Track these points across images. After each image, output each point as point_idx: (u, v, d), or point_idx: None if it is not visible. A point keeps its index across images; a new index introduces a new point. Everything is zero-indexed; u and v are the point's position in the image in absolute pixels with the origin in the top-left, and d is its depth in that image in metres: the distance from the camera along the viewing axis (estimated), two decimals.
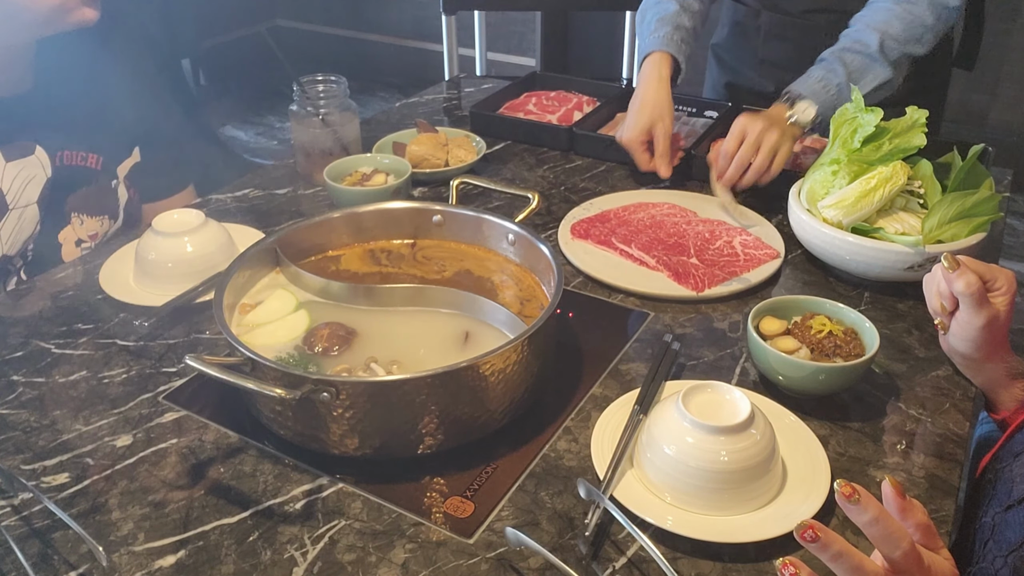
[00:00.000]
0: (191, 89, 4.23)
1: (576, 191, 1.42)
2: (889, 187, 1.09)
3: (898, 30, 1.33)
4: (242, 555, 0.76)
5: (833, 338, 0.92)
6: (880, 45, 1.32)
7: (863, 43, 1.33)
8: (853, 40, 1.35)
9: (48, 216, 1.24)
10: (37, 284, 1.17)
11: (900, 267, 1.09)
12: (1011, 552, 0.75)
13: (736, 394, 0.79)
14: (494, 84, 1.95)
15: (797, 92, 1.33)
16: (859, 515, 0.60)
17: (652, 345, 1.03)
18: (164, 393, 0.96)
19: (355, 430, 0.82)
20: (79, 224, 1.28)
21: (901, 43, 1.33)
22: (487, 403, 0.85)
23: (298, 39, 4.99)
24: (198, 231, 1.13)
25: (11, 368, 1.00)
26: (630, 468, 0.82)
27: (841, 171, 1.15)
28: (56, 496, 0.82)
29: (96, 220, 1.31)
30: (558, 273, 0.94)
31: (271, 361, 0.83)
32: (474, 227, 1.10)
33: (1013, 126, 3.35)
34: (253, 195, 1.42)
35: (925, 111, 1.14)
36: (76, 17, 1.13)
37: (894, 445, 0.88)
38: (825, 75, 1.33)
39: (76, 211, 1.28)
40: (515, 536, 0.73)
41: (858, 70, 1.33)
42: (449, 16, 2.32)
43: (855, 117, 1.15)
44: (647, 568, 0.74)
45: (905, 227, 1.10)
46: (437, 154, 1.46)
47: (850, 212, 1.11)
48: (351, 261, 1.09)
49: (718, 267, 1.18)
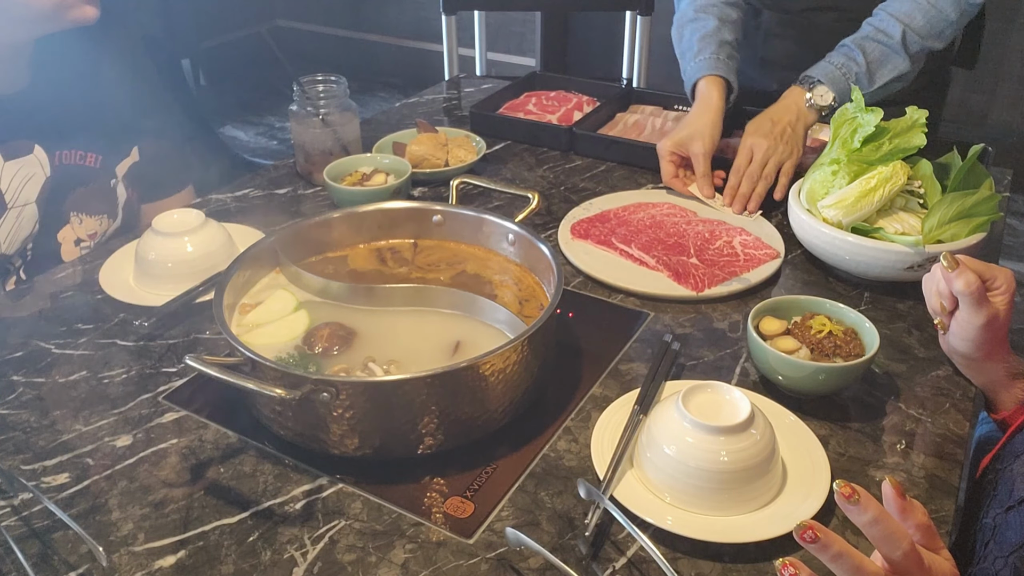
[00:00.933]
0: (191, 89, 4.23)
1: (576, 191, 1.42)
2: (889, 187, 1.09)
3: (921, 23, 1.32)
4: (242, 555, 0.76)
5: (833, 338, 0.92)
6: (903, 36, 1.32)
7: (886, 33, 1.33)
8: (876, 28, 1.35)
9: (47, 215, 1.24)
10: (37, 284, 1.17)
11: (900, 267, 1.09)
12: (1012, 553, 0.75)
13: (736, 394, 0.79)
14: (494, 84, 1.95)
15: (816, 77, 1.33)
16: (859, 516, 0.60)
17: (652, 345, 1.03)
18: (164, 393, 0.96)
19: (355, 430, 0.82)
20: (78, 223, 1.28)
21: (923, 37, 1.33)
22: (487, 403, 0.85)
23: (298, 39, 4.99)
24: (198, 231, 1.13)
25: (11, 368, 1.00)
26: (630, 468, 0.82)
27: (841, 171, 1.15)
28: (56, 496, 0.82)
29: (95, 219, 1.31)
30: (558, 273, 0.94)
31: (271, 361, 0.83)
32: (474, 227, 1.10)
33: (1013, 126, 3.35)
34: (253, 195, 1.42)
35: (925, 111, 1.14)
36: (76, 15, 1.13)
37: (894, 445, 0.88)
38: (845, 61, 1.33)
39: (75, 210, 1.28)
40: (515, 536, 0.73)
41: (877, 60, 1.33)
42: (449, 16, 2.32)
43: (855, 117, 1.16)
44: (647, 568, 0.74)
45: (905, 227, 1.10)
46: (437, 154, 1.46)
47: (850, 212, 1.11)
48: (351, 261, 1.09)
49: (718, 267, 1.18)
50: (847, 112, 1.17)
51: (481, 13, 2.54)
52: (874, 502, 0.60)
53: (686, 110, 1.70)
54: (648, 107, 1.73)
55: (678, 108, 1.72)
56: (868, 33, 1.35)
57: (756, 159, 1.32)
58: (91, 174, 1.29)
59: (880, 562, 0.62)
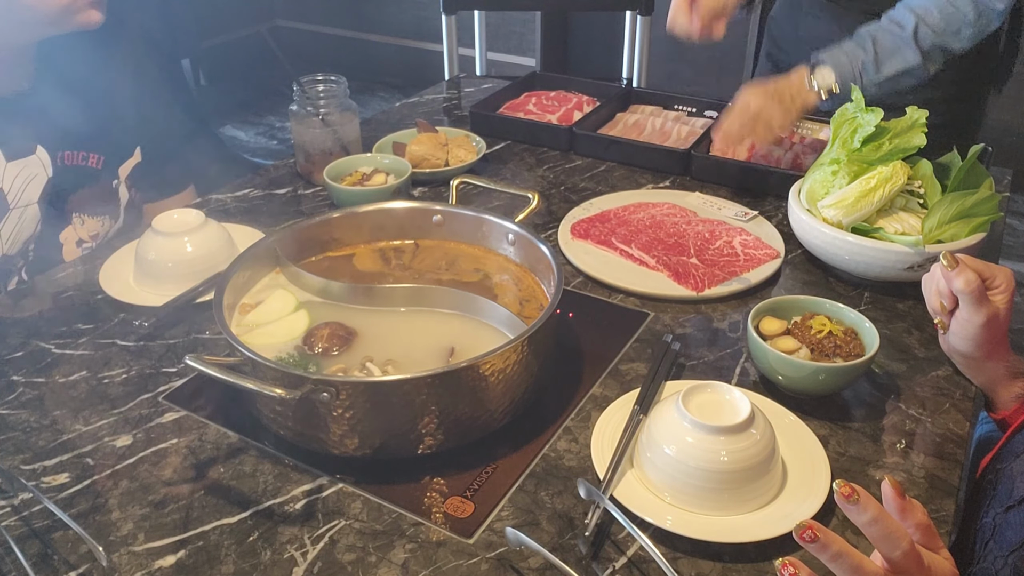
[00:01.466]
0: (191, 89, 4.23)
1: (576, 191, 1.42)
2: (889, 187, 1.09)
3: (936, 19, 1.32)
4: (242, 555, 0.76)
5: (833, 338, 0.92)
6: (915, 29, 1.32)
7: (899, 24, 1.33)
8: (890, 19, 1.35)
9: (49, 216, 1.24)
10: (37, 284, 1.17)
11: (900, 267, 1.09)
12: (1012, 552, 0.75)
13: (736, 394, 0.79)
14: (494, 84, 1.95)
15: (821, 59, 1.34)
16: (858, 515, 0.60)
17: (652, 345, 1.03)
18: (164, 393, 0.96)
19: (355, 430, 0.82)
20: (80, 224, 1.28)
21: (937, 33, 1.32)
22: (487, 403, 0.85)
23: (298, 39, 4.99)
24: (198, 231, 1.13)
25: (11, 368, 1.00)
26: (630, 468, 0.82)
27: (841, 171, 1.15)
28: (56, 496, 0.82)
29: (97, 220, 1.31)
30: (558, 273, 0.94)
31: (271, 361, 0.83)
32: (474, 227, 1.10)
33: (1013, 126, 3.35)
34: (253, 195, 1.42)
35: (925, 111, 1.14)
36: (82, 19, 1.14)
37: (894, 445, 0.88)
38: (854, 49, 1.33)
39: (77, 211, 1.28)
40: (515, 536, 0.73)
41: (886, 50, 1.33)
42: (449, 16, 2.31)
43: (855, 117, 1.16)
44: (647, 568, 0.74)
45: (905, 227, 1.10)
46: (437, 154, 1.46)
47: (850, 212, 1.11)
48: (351, 261, 1.09)
49: (718, 267, 1.18)
50: (847, 112, 1.17)
51: (481, 13, 2.54)
52: (873, 502, 0.60)
53: (686, 110, 1.71)
54: (648, 107, 1.73)
55: (678, 108, 1.72)
56: (882, 24, 1.35)
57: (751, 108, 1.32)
58: (93, 175, 1.29)
59: (880, 562, 0.62)
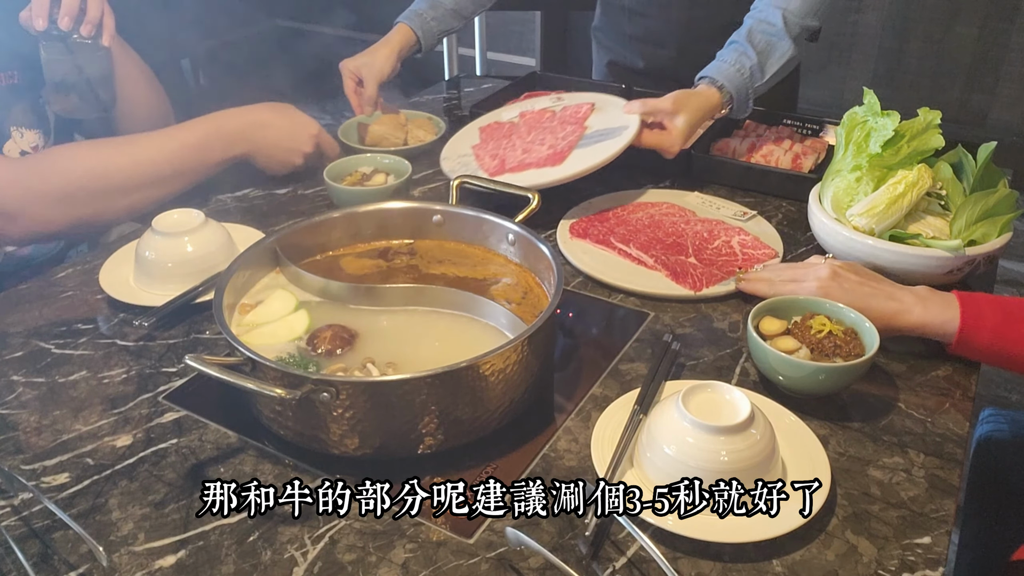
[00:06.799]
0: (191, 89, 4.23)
1: (576, 191, 1.42)
2: (916, 192, 1.09)
3: (796, 5, 1.39)
4: (242, 555, 0.76)
5: (833, 338, 0.92)
6: (784, 22, 1.39)
7: (768, 22, 1.40)
8: (758, 20, 1.41)
9: None
10: (37, 284, 1.17)
11: (941, 272, 1.07)
12: None
13: (736, 394, 0.79)
14: (494, 84, 1.95)
15: (718, 81, 1.38)
16: (759, 286, 0.65)
17: (652, 345, 1.03)
18: (164, 393, 0.96)
19: (355, 430, 0.82)
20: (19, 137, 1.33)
21: (800, 16, 1.39)
22: (487, 403, 0.85)
23: (298, 39, 4.98)
24: (198, 231, 1.13)
25: (11, 368, 1.00)
26: (630, 468, 0.82)
27: (864, 177, 1.14)
28: (56, 496, 0.82)
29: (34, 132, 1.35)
30: (558, 273, 0.94)
31: (271, 361, 0.83)
32: (474, 227, 1.10)
33: (1013, 126, 3.35)
34: (253, 195, 1.42)
35: (938, 112, 1.13)
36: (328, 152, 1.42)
37: (894, 445, 0.88)
38: (738, 58, 1.39)
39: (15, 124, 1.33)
40: (515, 536, 0.73)
41: (766, 49, 1.39)
42: None
43: (866, 120, 1.14)
44: (647, 568, 0.74)
45: (933, 230, 1.09)
46: (396, 133, 1.53)
47: (882, 219, 1.10)
48: (351, 261, 1.09)
49: (716, 267, 1.18)
50: (857, 116, 1.16)
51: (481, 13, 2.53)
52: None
53: None
54: None
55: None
56: (752, 26, 1.41)
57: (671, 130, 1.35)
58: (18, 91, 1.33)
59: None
